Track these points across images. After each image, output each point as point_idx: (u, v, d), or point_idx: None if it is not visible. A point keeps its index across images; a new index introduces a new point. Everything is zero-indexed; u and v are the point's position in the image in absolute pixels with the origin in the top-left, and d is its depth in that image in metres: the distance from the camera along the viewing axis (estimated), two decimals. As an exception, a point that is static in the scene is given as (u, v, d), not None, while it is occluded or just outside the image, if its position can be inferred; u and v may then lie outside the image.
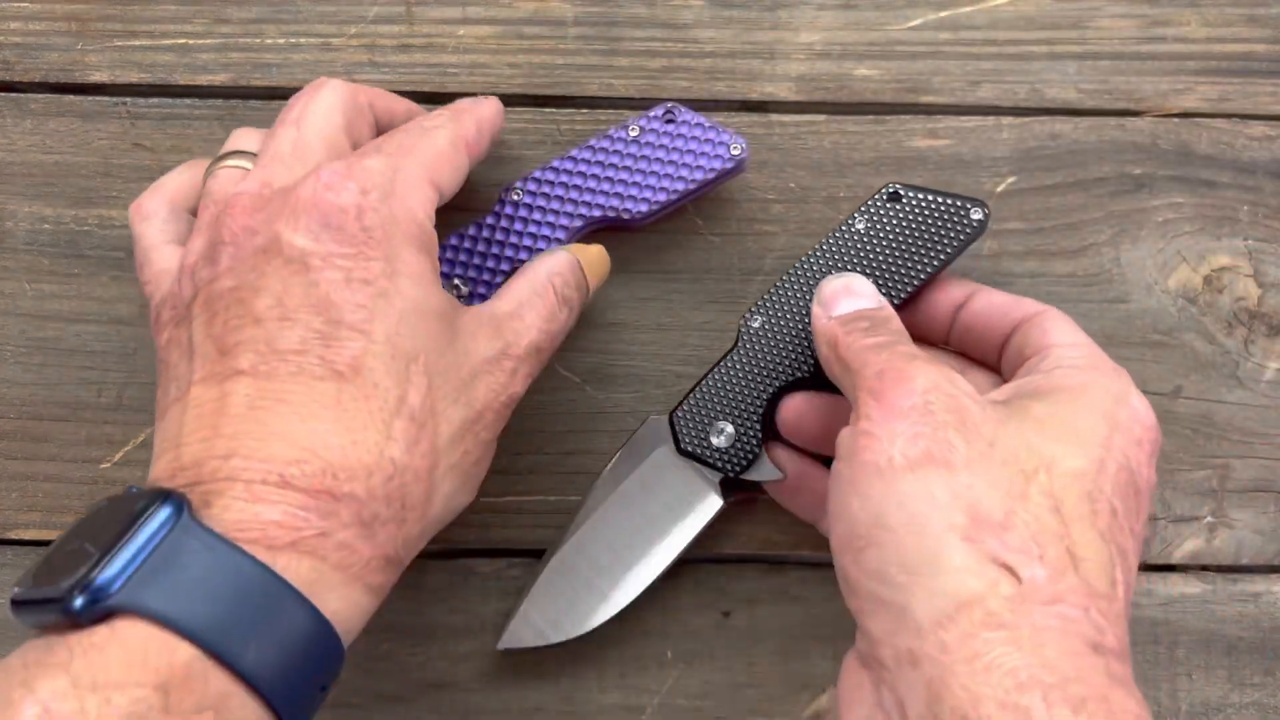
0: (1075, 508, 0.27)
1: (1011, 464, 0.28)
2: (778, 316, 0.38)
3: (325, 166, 0.30)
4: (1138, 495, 0.29)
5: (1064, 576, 0.26)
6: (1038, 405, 0.30)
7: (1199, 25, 0.44)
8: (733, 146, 0.39)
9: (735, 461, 0.37)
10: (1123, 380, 0.31)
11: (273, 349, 0.28)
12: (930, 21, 0.44)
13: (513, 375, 0.33)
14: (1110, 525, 0.28)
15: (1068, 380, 0.31)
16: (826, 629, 0.40)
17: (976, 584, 0.26)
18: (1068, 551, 0.27)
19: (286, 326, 0.29)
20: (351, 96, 0.34)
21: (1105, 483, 0.28)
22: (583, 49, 0.44)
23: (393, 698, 0.39)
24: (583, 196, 0.39)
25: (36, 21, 0.43)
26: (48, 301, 0.41)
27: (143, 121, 0.43)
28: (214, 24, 0.43)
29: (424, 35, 0.44)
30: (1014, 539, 0.26)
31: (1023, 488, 0.27)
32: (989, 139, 0.43)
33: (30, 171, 0.42)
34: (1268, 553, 0.40)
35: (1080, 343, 0.33)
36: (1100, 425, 0.29)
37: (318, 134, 0.33)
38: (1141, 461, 0.30)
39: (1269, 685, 0.39)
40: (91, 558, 0.25)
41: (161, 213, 0.35)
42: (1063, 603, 0.26)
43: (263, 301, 0.29)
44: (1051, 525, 0.27)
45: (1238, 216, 0.42)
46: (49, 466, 0.40)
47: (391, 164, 0.31)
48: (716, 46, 0.44)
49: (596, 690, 0.39)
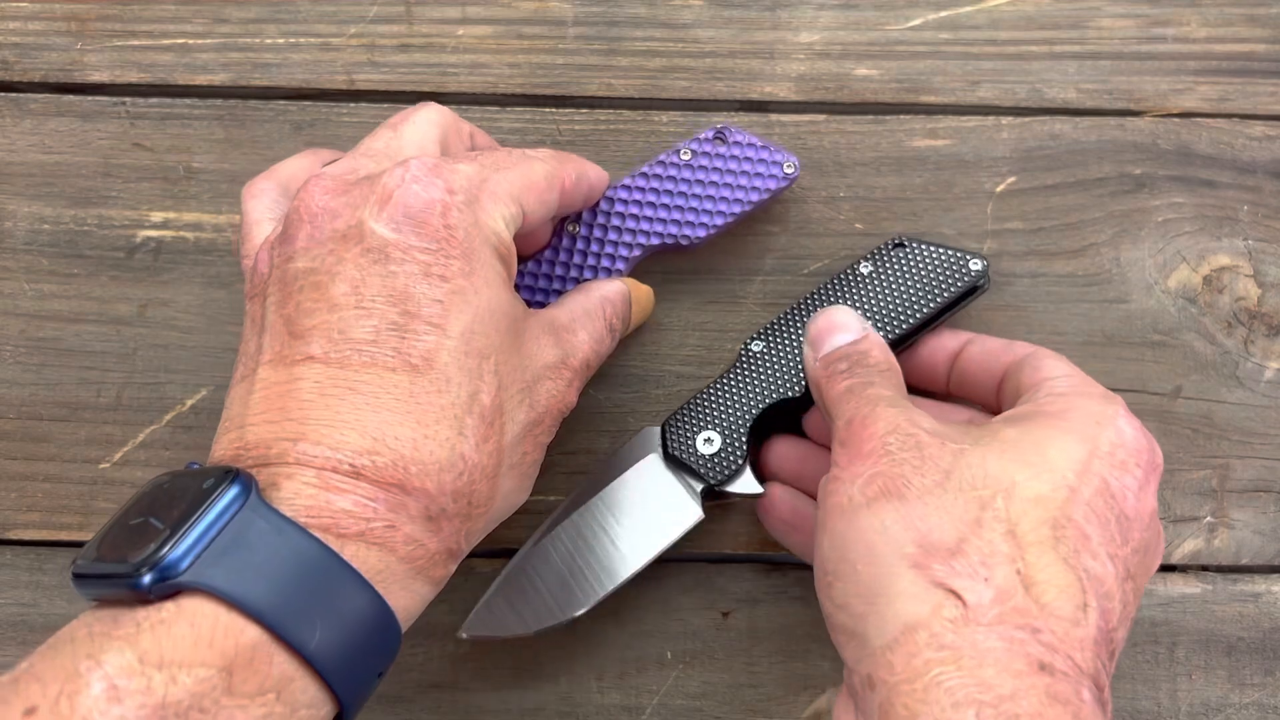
0: (1033, 532, 0.28)
1: (967, 491, 0.28)
2: (778, 344, 0.38)
3: (415, 160, 0.30)
4: (1122, 521, 0.29)
5: (1010, 598, 0.26)
6: (1009, 430, 0.30)
7: (1199, 25, 0.44)
8: (786, 165, 0.39)
9: (719, 471, 0.38)
10: (1111, 405, 0.31)
11: (346, 337, 0.28)
12: (930, 21, 0.44)
13: (569, 385, 0.33)
14: (1078, 550, 0.28)
15: (1049, 406, 0.31)
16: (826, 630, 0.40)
17: (922, 608, 0.27)
18: (1018, 574, 0.27)
19: (362, 315, 0.29)
20: (454, 121, 0.35)
21: (1075, 507, 0.28)
22: (582, 49, 0.43)
23: (393, 698, 0.39)
24: (640, 225, 0.39)
25: (36, 21, 0.43)
26: (47, 301, 0.41)
27: (142, 121, 0.43)
28: (213, 24, 0.43)
29: (424, 35, 0.43)
30: (962, 564, 0.27)
31: (977, 514, 0.28)
32: (989, 139, 0.43)
33: (30, 171, 0.42)
34: (1267, 553, 0.40)
35: (1070, 374, 0.33)
36: (1076, 449, 0.29)
37: (413, 140, 0.33)
38: (1127, 486, 0.29)
39: (1269, 685, 0.39)
40: (160, 534, 0.25)
41: (271, 193, 0.35)
42: (1005, 624, 0.26)
43: (338, 288, 0.29)
44: (1003, 549, 0.27)
45: (1238, 216, 0.42)
46: (48, 466, 0.40)
47: (482, 174, 0.31)
48: (716, 46, 0.44)
49: (596, 690, 0.39)
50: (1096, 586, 0.27)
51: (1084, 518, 0.28)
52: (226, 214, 0.42)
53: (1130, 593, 0.29)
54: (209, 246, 0.42)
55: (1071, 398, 0.31)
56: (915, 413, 0.31)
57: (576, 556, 0.37)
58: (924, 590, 0.27)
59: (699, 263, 0.42)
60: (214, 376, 0.41)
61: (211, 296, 0.41)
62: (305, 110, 0.43)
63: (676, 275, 0.42)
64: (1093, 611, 0.27)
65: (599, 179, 0.38)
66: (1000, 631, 0.26)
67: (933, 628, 0.26)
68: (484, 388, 0.30)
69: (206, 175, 0.42)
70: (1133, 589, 0.29)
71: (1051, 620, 0.26)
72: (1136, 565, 0.29)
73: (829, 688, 0.39)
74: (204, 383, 0.41)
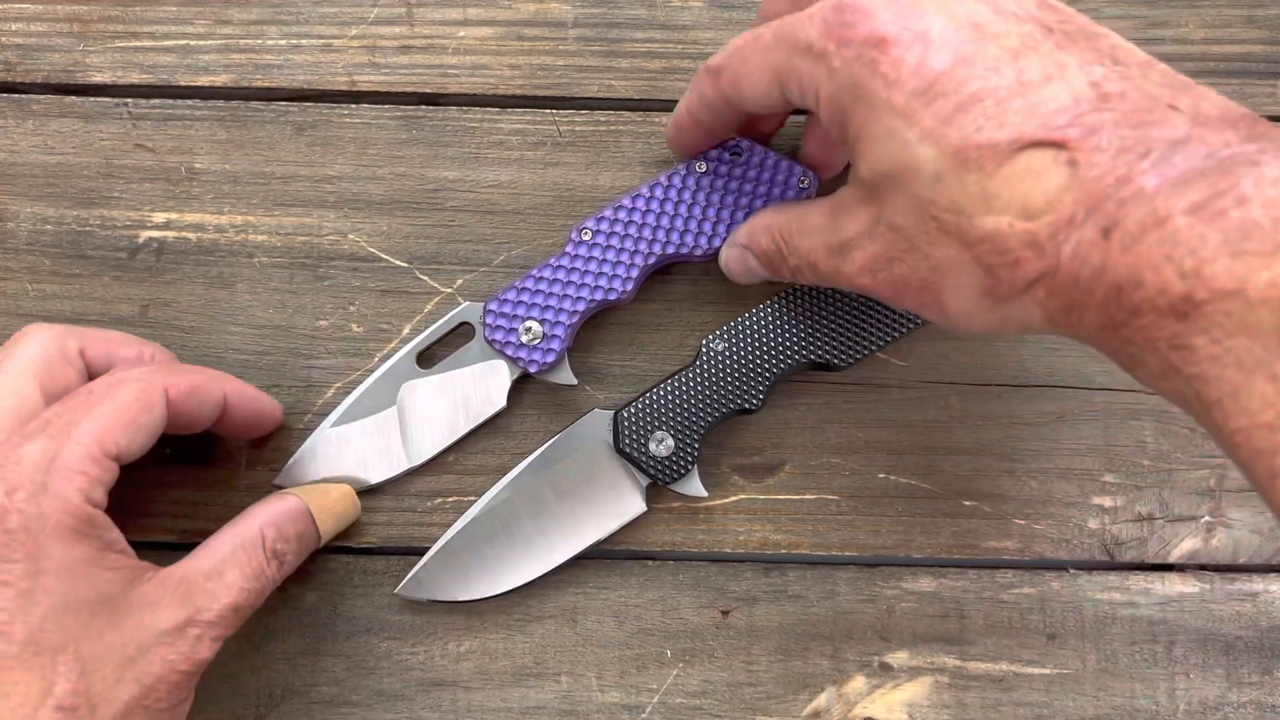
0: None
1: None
2: (740, 345, 0.39)
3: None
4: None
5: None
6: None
7: (1197, 26, 0.44)
8: (801, 179, 0.39)
9: (668, 473, 0.38)
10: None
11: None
12: (929, 23, 0.44)
13: (197, 642, 0.32)
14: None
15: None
16: (825, 628, 0.40)
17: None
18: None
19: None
20: (58, 346, 0.34)
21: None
22: (583, 50, 0.44)
23: (393, 696, 0.39)
24: (653, 234, 0.39)
25: (38, 23, 0.44)
26: (50, 302, 0.42)
27: (144, 122, 0.43)
28: (215, 25, 0.44)
29: (424, 36, 0.44)
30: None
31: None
32: (987, 140, 0.43)
33: (32, 172, 0.42)
34: (1265, 552, 0.40)
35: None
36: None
37: (7, 400, 0.32)
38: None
39: (1266, 684, 0.39)
40: None
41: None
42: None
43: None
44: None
45: (1235, 217, 0.42)
46: (51, 466, 0.40)
47: (51, 449, 0.31)
48: (716, 48, 0.44)
49: (596, 689, 0.39)
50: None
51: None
52: (229, 214, 0.42)
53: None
54: (211, 247, 0.42)
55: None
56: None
57: (517, 531, 0.38)
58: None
59: (699, 263, 0.42)
60: (216, 376, 0.41)
61: (213, 297, 0.42)
62: (307, 111, 0.43)
63: (676, 275, 0.42)
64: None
65: (241, 396, 0.37)
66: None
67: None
68: (60, 680, 0.30)
69: (208, 176, 0.42)
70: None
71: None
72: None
73: (828, 686, 0.39)
74: (206, 383, 0.41)
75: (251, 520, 0.35)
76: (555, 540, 0.38)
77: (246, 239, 0.42)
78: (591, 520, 0.39)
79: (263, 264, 0.42)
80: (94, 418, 0.32)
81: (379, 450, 0.40)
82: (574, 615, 0.40)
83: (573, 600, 0.40)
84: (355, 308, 0.42)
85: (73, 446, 0.31)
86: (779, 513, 0.40)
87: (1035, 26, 0.28)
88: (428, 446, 0.40)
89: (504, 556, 0.38)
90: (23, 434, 0.31)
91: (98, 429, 0.32)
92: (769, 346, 0.38)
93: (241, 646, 0.39)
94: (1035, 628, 0.40)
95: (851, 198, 0.31)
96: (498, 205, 0.42)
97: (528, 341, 0.39)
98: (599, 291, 0.39)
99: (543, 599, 0.40)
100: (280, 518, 0.35)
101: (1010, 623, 0.40)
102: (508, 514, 0.38)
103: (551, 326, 0.39)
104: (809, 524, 0.40)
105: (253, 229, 0.42)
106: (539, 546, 0.38)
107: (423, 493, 0.40)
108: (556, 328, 0.39)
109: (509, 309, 0.39)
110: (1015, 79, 0.27)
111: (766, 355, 0.38)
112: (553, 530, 0.38)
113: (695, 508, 0.40)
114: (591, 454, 0.39)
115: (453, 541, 0.38)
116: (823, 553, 0.40)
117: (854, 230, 0.31)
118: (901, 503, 0.41)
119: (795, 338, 0.38)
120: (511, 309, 0.39)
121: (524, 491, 0.38)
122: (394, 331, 0.41)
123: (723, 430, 0.41)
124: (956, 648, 0.40)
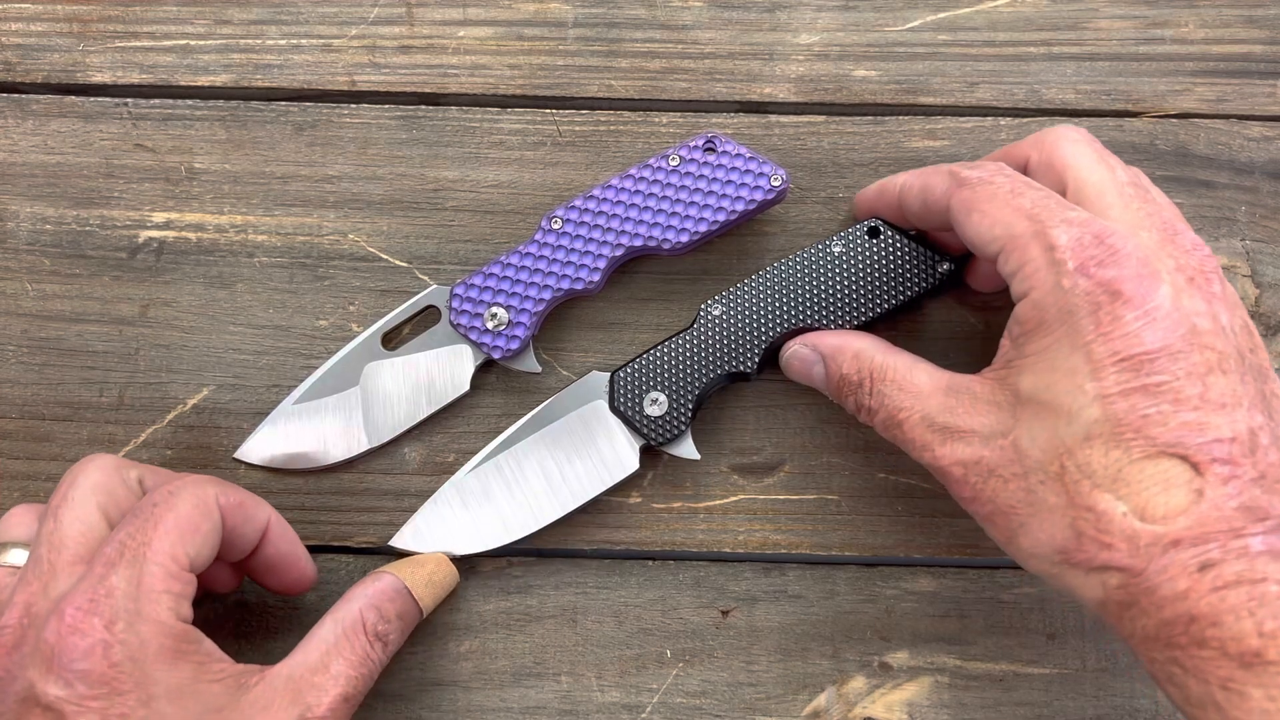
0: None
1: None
2: (738, 310, 0.39)
3: (69, 600, 0.30)
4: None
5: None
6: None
7: (1197, 26, 0.44)
8: (773, 178, 0.39)
9: (661, 432, 0.38)
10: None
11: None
12: (929, 23, 0.44)
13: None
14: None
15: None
16: (825, 628, 0.40)
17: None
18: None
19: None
20: (117, 475, 0.34)
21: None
22: (583, 50, 0.44)
23: (393, 696, 0.39)
24: (623, 225, 0.40)
25: (38, 23, 0.44)
26: (50, 302, 0.42)
27: (144, 122, 0.43)
28: (215, 25, 0.44)
29: (425, 37, 0.44)
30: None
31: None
32: (987, 140, 0.43)
33: (32, 172, 0.42)
34: (1265, 552, 0.40)
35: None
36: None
37: (74, 526, 0.33)
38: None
39: (1266, 684, 0.39)
40: None
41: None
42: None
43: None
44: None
45: (1235, 217, 0.42)
46: (51, 466, 0.40)
47: (134, 575, 0.31)
48: (716, 48, 0.44)
49: (596, 689, 0.39)
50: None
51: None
52: (228, 214, 0.42)
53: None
54: (211, 247, 0.42)
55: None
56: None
57: (514, 488, 0.39)
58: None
59: (698, 263, 0.42)
60: (215, 376, 0.41)
61: (213, 297, 0.42)
62: (307, 111, 0.43)
63: (676, 275, 0.42)
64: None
65: (282, 526, 0.36)
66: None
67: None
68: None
69: (208, 176, 0.42)
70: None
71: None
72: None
73: (828, 686, 0.39)
74: (206, 383, 0.41)
75: (351, 605, 0.35)
76: (553, 494, 0.39)
77: (246, 239, 0.42)
78: (587, 478, 0.39)
79: (263, 264, 0.42)
80: (162, 534, 0.32)
81: (340, 429, 0.40)
82: (574, 615, 0.40)
83: (573, 600, 0.40)
84: (355, 308, 0.42)
85: (152, 568, 0.31)
86: (779, 513, 0.40)
87: (1233, 351, 0.30)
88: (389, 428, 0.40)
89: (500, 513, 0.39)
90: (104, 563, 0.31)
91: (170, 544, 0.32)
92: (764, 312, 0.39)
93: (242, 646, 0.39)
94: (1035, 628, 0.40)
95: (984, 392, 0.32)
96: (498, 205, 0.42)
97: (493, 328, 0.39)
98: (566, 280, 0.39)
99: (543, 599, 0.40)
100: (379, 599, 0.35)
101: (1010, 623, 0.40)
102: (508, 467, 0.39)
103: (517, 314, 0.39)
104: (809, 524, 0.40)
105: (253, 229, 0.42)
106: (539, 500, 0.39)
107: (424, 493, 0.40)
108: (522, 315, 0.39)
109: (475, 294, 0.39)
110: (1200, 394, 0.29)
111: (761, 321, 0.38)
112: (550, 484, 0.39)
113: (695, 508, 0.40)
114: (588, 413, 0.39)
115: (448, 492, 0.39)
116: (823, 553, 0.40)
117: (972, 424, 0.32)
118: (901, 503, 0.41)
119: (790, 305, 0.38)
120: (478, 294, 0.39)
121: (523, 446, 0.39)
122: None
123: (723, 430, 0.41)
124: (956, 648, 0.40)
